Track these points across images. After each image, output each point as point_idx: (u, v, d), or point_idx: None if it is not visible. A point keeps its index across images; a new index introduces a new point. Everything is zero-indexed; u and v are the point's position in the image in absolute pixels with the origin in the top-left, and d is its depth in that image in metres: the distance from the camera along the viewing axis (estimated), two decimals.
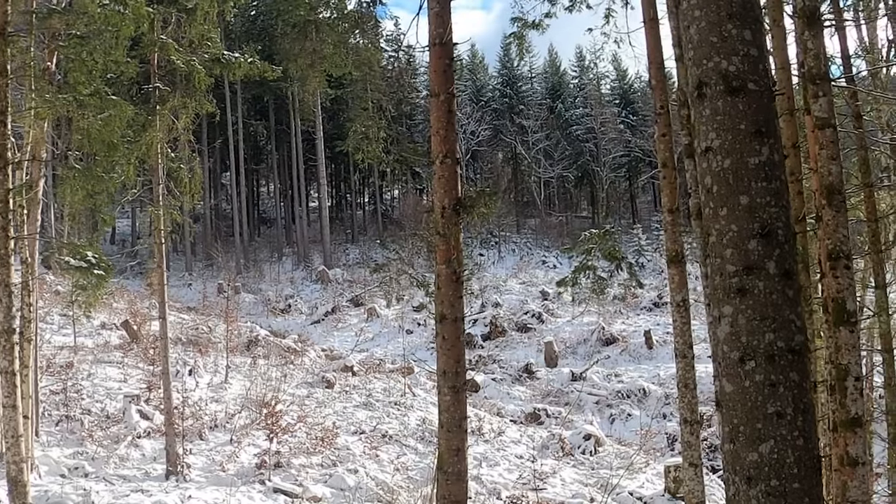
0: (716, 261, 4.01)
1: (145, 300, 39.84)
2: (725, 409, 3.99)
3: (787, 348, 3.87)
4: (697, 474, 11.55)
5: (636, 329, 42.64)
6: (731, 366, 3.95)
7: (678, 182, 12.15)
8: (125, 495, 18.05)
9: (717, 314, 4.03)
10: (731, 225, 3.94)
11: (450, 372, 10.22)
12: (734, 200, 3.95)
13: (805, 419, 3.88)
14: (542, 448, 27.22)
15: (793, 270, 3.98)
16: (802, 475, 3.83)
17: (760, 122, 3.99)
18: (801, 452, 3.83)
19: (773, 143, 4.01)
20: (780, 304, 3.89)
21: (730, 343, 3.95)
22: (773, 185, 3.96)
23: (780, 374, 3.85)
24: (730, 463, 3.96)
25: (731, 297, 3.93)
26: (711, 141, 4.04)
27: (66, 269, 17.71)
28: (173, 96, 20.16)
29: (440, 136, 10.21)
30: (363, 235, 71.48)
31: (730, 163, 3.97)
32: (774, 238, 3.92)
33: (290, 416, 24.06)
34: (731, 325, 3.94)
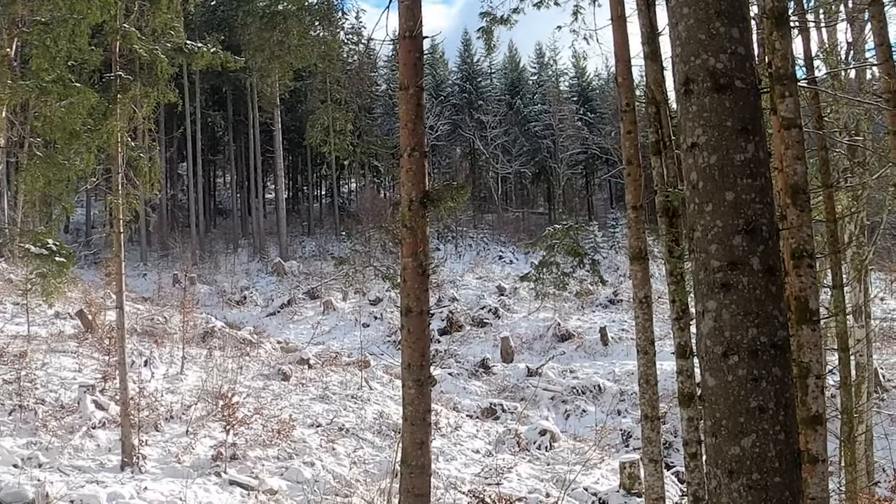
0: (700, 256, 4.04)
1: (100, 290, 39.52)
2: (708, 404, 4.02)
3: (770, 343, 3.91)
4: (657, 470, 11.63)
5: (592, 326, 42.85)
6: (715, 360, 3.98)
7: (643, 179, 12.18)
8: (80, 486, 17.83)
9: (700, 309, 4.06)
10: (717, 221, 3.97)
11: (414, 365, 10.24)
12: (720, 196, 3.98)
13: (786, 414, 3.93)
14: (499, 443, 27.25)
15: (776, 267, 4.02)
16: (783, 469, 3.87)
17: (747, 119, 4.03)
18: (783, 447, 3.88)
19: (758, 140, 4.05)
20: (763, 300, 3.93)
21: (713, 338, 3.98)
22: (758, 181, 4.00)
23: (762, 368, 3.89)
24: (712, 456, 4.00)
25: (715, 292, 3.96)
26: (697, 137, 4.07)
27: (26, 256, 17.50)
28: (135, 85, 19.97)
29: (408, 129, 10.22)
30: (320, 228, 71.26)
31: (716, 159, 4.00)
32: (759, 234, 3.96)
33: (247, 409, 23.90)
34: (714, 320, 3.97)
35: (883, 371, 30.93)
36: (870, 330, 23.86)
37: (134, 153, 20.80)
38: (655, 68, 11.00)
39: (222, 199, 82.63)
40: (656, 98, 10.78)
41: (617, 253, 58.70)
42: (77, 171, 17.57)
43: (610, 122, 77.65)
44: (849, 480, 14.58)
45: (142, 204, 22.39)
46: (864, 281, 22.84)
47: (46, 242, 16.98)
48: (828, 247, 14.45)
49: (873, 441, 21.37)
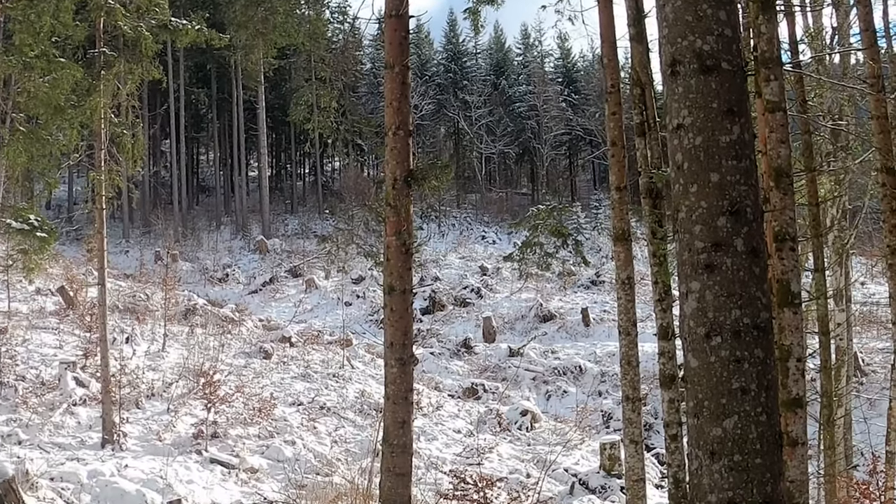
0: (684, 237, 4.05)
1: (81, 266, 39.41)
2: (690, 385, 4.03)
3: (753, 325, 3.92)
4: (638, 451, 11.67)
5: (573, 307, 42.87)
6: (697, 341, 3.98)
7: (627, 161, 12.19)
8: (60, 463, 17.81)
9: (684, 290, 4.06)
10: (701, 202, 3.98)
11: (397, 344, 10.24)
12: (705, 177, 3.98)
13: (768, 396, 3.94)
14: (480, 423, 27.32)
15: (760, 248, 4.03)
16: (765, 450, 3.88)
17: (732, 101, 4.03)
18: (764, 428, 3.89)
19: (744, 122, 4.05)
20: (746, 281, 3.94)
21: (696, 318, 3.99)
22: (742, 163, 4.00)
23: (745, 350, 3.90)
24: (694, 437, 4.01)
25: (698, 272, 3.97)
26: (683, 118, 4.07)
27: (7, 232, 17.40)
28: (119, 62, 19.85)
29: (393, 107, 10.20)
30: (303, 206, 71.07)
31: (701, 140, 4.00)
32: (743, 216, 3.96)
33: (228, 387, 23.88)
34: (698, 301, 3.98)
35: (862, 355, 31.07)
36: (850, 314, 23.95)
37: (117, 129, 20.70)
38: (641, 50, 11.00)
39: (205, 177, 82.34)
40: (641, 80, 10.78)
41: (600, 234, 58.71)
42: (61, 146, 17.46)
43: (594, 103, 77.56)
44: (827, 464, 14.64)
45: (124, 180, 22.23)
46: (845, 265, 22.93)
47: (28, 218, 16.90)
48: (810, 230, 14.48)
49: (852, 425, 21.47)
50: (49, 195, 55.18)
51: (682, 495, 10.36)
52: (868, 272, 44.04)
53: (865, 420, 22.66)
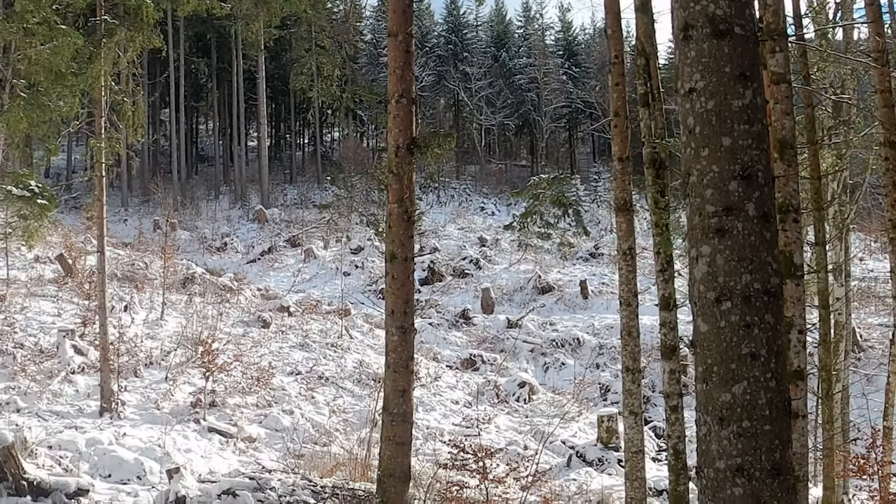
0: (695, 201, 4.01)
1: (80, 234, 39.32)
2: (699, 350, 4.00)
3: (764, 290, 3.89)
4: (637, 422, 11.66)
5: (572, 279, 42.84)
6: (707, 306, 3.96)
7: (630, 131, 12.13)
8: (58, 431, 17.77)
9: (694, 254, 4.03)
10: (713, 166, 3.94)
11: (398, 312, 10.22)
12: (716, 141, 3.94)
13: (778, 361, 3.91)
14: (478, 394, 27.35)
15: (771, 213, 4.00)
16: (774, 417, 3.86)
17: (745, 65, 3.99)
18: (773, 394, 3.86)
19: (756, 87, 4.01)
20: (757, 246, 3.91)
21: (706, 283, 3.95)
22: (754, 128, 3.96)
23: (755, 315, 3.87)
24: (702, 403, 3.98)
25: (709, 237, 3.94)
26: (696, 82, 4.03)
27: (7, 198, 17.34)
28: (120, 30, 19.72)
29: (396, 75, 10.15)
30: (301, 176, 70.90)
31: (713, 104, 3.97)
32: (755, 180, 3.93)
33: (226, 356, 23.83)
34: (708, 266, 3.94)
35: (860, 331, 31.12)
36: (849, 289, 23.97)
37: (118, 97, 20.62)
38: (646, 20, 10.93)
39: (204, 146, 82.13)
40: (646, 50, 10.72)
41: (599, 207, 58.67)
42: (62, 112, 17.36)
43: (595, 76, 77.48)
44: (826, 438, 14.67)
45: (124, 148, 22.15)
46: (844, 240, 22.94)
47: (29, 184, 16.83)
48: (812, 203, 14.47)
49: (849, 400, 21.52)
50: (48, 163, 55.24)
51: (682, 466, 10.36)
52: (866, 248, 44.07)
53: (865, 395, 22.71)
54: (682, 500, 10.22)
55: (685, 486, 10.26)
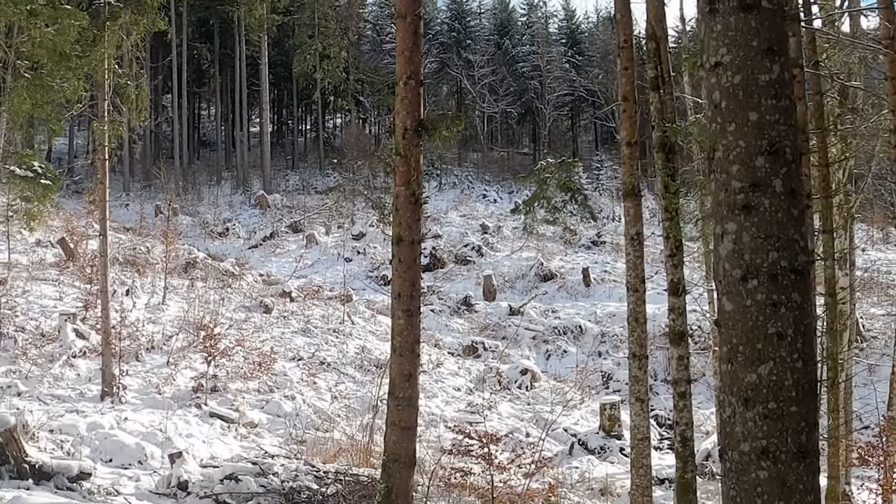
0: (721, 176, 3.92)
1: (82, 219, 39.24)
2: (724, 329, 3.90)
3: (791, 268, 3.80)
4: (644, 409, 11.58)
5: (574, 266, 42.74)
6: (733, 284, 3.86)
7: (638, 116, 12.03)
8: (59, 415, 17.65)
9: (719, 231, 3.93)
10: (739, 141, 3.85)
11: (405, 295, 10.12)
12: (743, 116, 3.85)
13: (805, 341, 3.82)
14: (480, 381, 27.34)
15: (798, 190, 3.90)
16: (800, 398, 3.76)
17: (772, 39, 3.89)
18: (800, 375, 3.77)
19: (783, 61, 3.91)
20: (784, 223, 3.81)
21: (732, 261, 3.86)
22: (782, 103, 3.87)
23: (782, 293, 3.78)
24: (727, 384, 3.89)
25: (735, 213, 3.84)
26: (722, 56, 3.93)
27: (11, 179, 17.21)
28: (125, 13, 19.60)
29: (405, 56, 10.04)
30: (304, 162, 70.76)
31: (740, 79, 3.87)
32: (782, 156, 3.83)
33: (228, 340, 23.76)
34: (734, 243, 3.85)
35: (863, 321, 31.04)
36: (853, 279, 23.89)
37: (122, 80, 20.52)
38: (656, 4, 10.83)
39: (206, 132, 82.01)
40: (657, 34, 10.61)
41: (601, 195, 58.52)
42: (66, 94, 17.23)
43: (598, 64, 77.37)
44: (831, 427, 14.58)
45: (126, 132, 22.03)
46: (849, 229, 22.83)
47: (32, 165, 16.71)
48: (819, 191, 14.36)
49: (852, 390, 21.46)
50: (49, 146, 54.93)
51: (689, 454, 10.29)
52: (869, 239, 44.00)
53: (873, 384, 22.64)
54: (689, 488, 10.14)
55: (692, 474, 10.19)
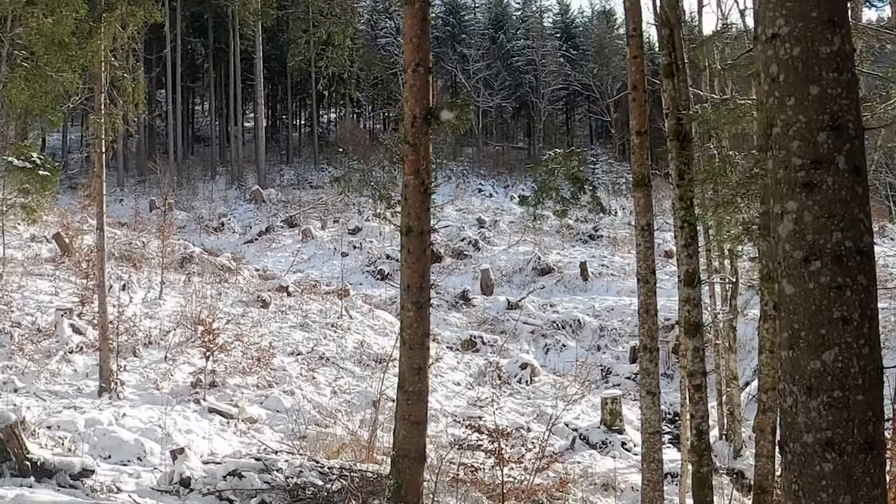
0: (780, 153, 3.72)
1: (76, 214, 39.03)
2: (785, 314, 3.70)
3: (856, 249, 3.60)
4: (655, 403, 11.39)
5: (571, 260, 42.67)
6: (794, 266, 3.66)
7: (648, 104, 11.84)
8: (57, 412, 17.47)
9: (779, 210, 3.73)
10: (800, 116, 3.65)
11: (414, 286, 9.94)
12: (803, 90, 3.66)
13: (871, 326, 3.62)
14: (479, 376, 27.25)
15: (862, 167, 3.70)
16: (867, 386, 3.57)
17: (833, 10, 3.70)
18: (867, 362, 3.58)
19: (844, 33, 3.71)
20: (848, 202, 3.62)
21: (793, 241, 3.66)
22: (844, 76, 3.67)
23: (846, 276, 3.58)
24: (788, 371, 3.69)
25: (796, 192, 3.64)
26: (779, 28, 3.74)
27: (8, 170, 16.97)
28: (121, 4, 19.37)
29: (413, 44, 9.86)
30: (298, 157, 70.55)
31: (799, 51, 3.67)
32: (845, 131, 3.63)
33: (226, 335, 23.57)
34: (795, 223, 3.65)
35: None
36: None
37: (118, 73, 20.30)
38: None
39: (200, 127, 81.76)
40: (670, 20, 10.43)
41: (596, 189, 58.42)
42: (65, 83, 16.99)
43: (593, 58, 77.45)
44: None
45: (123, 125, 21.79)
46: None
47: (31, 156, 16.48)
48: None
49: None
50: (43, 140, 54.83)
51: (706, 447, 10.10)
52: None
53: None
54: (706, 482, 9.96)
55: (708, 468, 10.01)
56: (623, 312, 35.29)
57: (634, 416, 24.89)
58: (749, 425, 23.83)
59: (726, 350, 21.91)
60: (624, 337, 33.27)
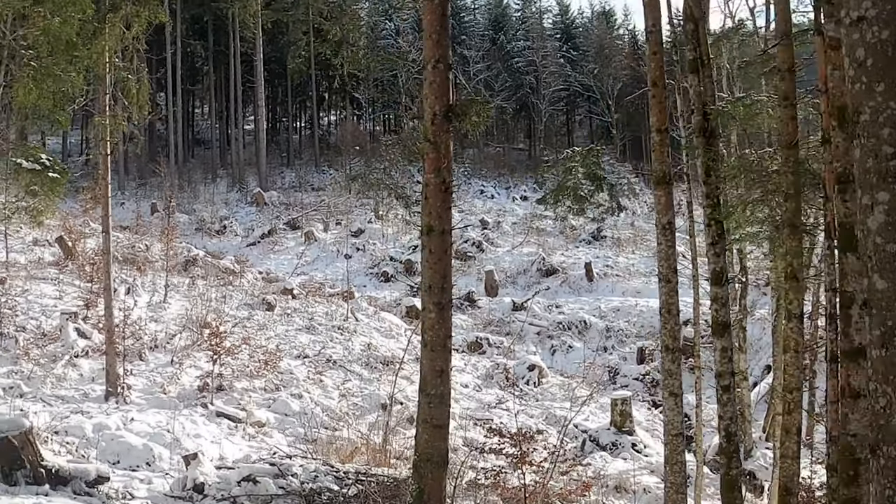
0: (869, 141, 3.53)
1: (78, 217, 38.86)
2: (876, 310, 3.51)
3: None
4: (677, 404, 11.19)
5: (575, 261, 42.61)
6: (887, 260, 3.47)
7: (667, 101, 11.67)
8: (65, 416, 17.26)
9: (868, 202, 3.54)
10: (890, 102, 3.46)
11: (435, 287, 9.77)
12: (893, 74, 3.47)
13: None
14: (487, 378, 27.14)
15: None
16: None
17: None
18: None
19: None
20: None
21: (885, 234, 3.47)
22: None
23: None
24: (880, 371, 3.49)
25: (888, 181, 3.44)
26: (865, 10, 3.54)
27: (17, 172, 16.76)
28: (126, 4, 19.17)
29: (433, 40, 9.67)
30: (299, 160, 70.52)
31: (888, 34, 3.47)
32: None
33: (233, 339, 23.42)
34: (887, 214, 3.45)
35: None
36: None
37: (123, 74, 20.12)
38: None
39: (200, 130, 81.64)
40: (694, 14, 10.25)
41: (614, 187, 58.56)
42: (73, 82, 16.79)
43: (593, 59, 77.44)
44: None
45: (129, 127, 21.63)
46: None
47: (40, 157, 16.30)
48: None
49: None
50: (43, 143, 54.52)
51: (734, 450, 9.93)
52: None
53: None
54: (735, 484, 9.80)
55: (737, 471, 9.84)
56: (629, 313, 35.21)
57: (643, 417, 24.83)
58: (758, 426, 23.76)
59: (737, 350, 21.77)
60: (631, 338, 33.20)
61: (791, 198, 10.16)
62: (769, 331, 29.17)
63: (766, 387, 25.46)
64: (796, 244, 10.33)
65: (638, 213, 53.18)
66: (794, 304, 10.40)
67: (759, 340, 29.39)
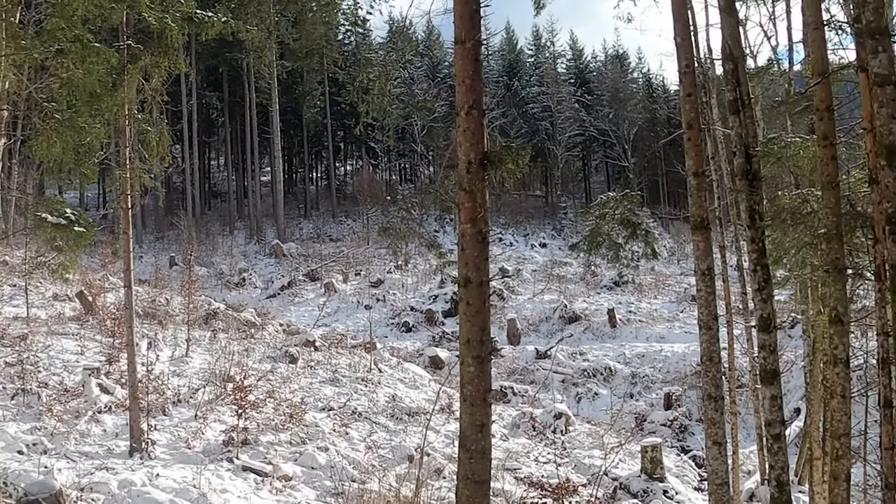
0: None
1: (97, 272, 38.83)
2: None
3: None
4: (721, 453, 10.92)
5: (598, 308, 42.52)
6: None
7: (703, 144, 11.46)
8: (89, 473, 17.05)
9: None
10: None
11: (474, 340, 9.49)
12: None
13: None
14: (513, 427, 26.83)
15: None
16: None
17: None
18: None
19: None
20: None
21: None
22: None
23: None
24: None
25: None
26: None
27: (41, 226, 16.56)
28: (145, 55, 19.10)
29: (465, 85, 9.47)
30: (316, 210, 70.77)
31: None
32: None
33: (257, 392, 23.18)
34: None
35: None
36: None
37: (143, 126, 20.03)
38: (731, 22, 10.29)
39: (216, 182, 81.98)
40: (734, 54, 10.06)
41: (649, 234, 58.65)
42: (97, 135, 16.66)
43: (608, 103, 77.50)
44: None
45: (149, 180, 21.50)
46: None
47: (64, 211, 16.12)
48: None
49: None
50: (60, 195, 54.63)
51: (787, 499, 9.63)
52: None
53: None
54: None
55: None
56: (654, 359, 34.99)
57: (673, 463, 24.51)
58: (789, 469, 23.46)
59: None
60: (657, 383, 32.97)
61: (834, 239, 9.96)
62: (796, 373, 28.87)
63: (796, 429, 25.14)
64: (840, 287, 10.10)
65: (658, 258, 53.09)
66: (839, 348, 10.16)
67: (787, 384, 29.07)
